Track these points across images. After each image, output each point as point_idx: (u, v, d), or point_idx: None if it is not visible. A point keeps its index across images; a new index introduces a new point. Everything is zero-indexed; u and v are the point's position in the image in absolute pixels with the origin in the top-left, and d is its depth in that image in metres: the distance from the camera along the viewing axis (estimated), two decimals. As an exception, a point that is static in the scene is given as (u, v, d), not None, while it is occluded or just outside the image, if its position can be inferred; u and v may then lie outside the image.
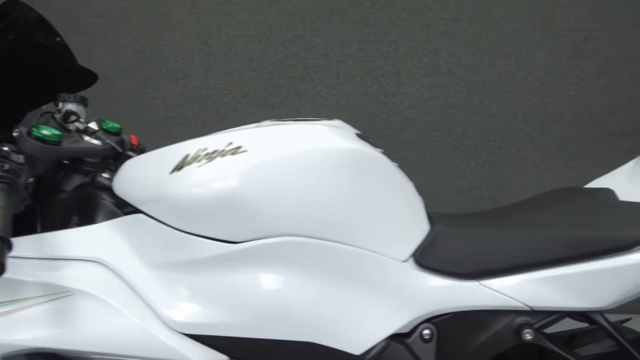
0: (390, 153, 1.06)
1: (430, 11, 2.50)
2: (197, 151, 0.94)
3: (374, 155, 0.99)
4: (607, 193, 1.11)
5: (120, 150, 1.15)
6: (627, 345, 0.96)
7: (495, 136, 2.60)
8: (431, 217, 1.06)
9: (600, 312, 0.96)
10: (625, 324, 1.08)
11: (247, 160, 0.92)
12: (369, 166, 0.97)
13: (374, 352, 0.94)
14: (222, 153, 0.93)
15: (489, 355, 0.97)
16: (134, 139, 1.23)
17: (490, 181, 2.61)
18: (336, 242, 0.94)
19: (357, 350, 0.94)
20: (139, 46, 2.56)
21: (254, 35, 2.53)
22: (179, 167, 0.93)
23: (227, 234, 0.92)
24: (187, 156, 0.94)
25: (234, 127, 2.63)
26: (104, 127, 1.14)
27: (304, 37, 2.53)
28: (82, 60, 1.20)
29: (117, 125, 1.17)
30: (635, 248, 0.94)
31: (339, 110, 2.57)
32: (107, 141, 1.11)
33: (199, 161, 0.93)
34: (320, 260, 0.94)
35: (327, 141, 0.96)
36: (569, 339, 1.10)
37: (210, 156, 0.93)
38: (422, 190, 1.06)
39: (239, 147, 0.93)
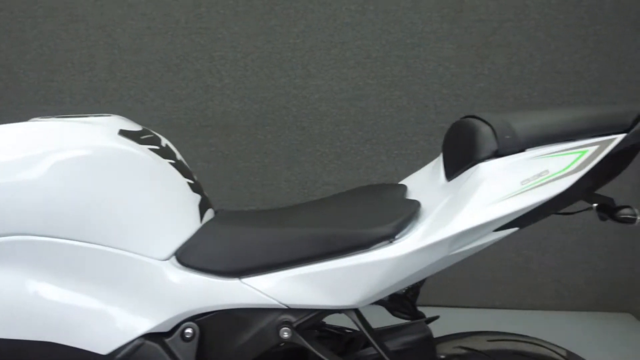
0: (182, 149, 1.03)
1: (336, 2, 2.46)
2: None
3: (130, 153, 0.96)
4: (398, 189, 1.09)
5: None
6: (377, 346, 0.95)
7: (406, 129, 2.56)
8: (218, 214, 1.04)
9: (355, 310, 0.95)
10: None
11: None
12: (122, 164, 0.95)
13: (124, 351, 0.93)
14: None
15: (253, 355, 0.96)
16: None
17: (402, 174, 2.57)
18: (81, 241, 0.92)
19: (104, 350, 0.92)
20: (43, 39, 2.53)
21: (159, 27, 2.50)
22: None
23: None
24: None
25: (142, 120, 2.60)
26: None
27: (209, 29, 2.50)
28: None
29: None
30: (375, 246, 0.92)
31: (247, 104, 2.54)
32: None
33: None
34: (63, 259, 0.91)
35: (74, 139, 0.94)
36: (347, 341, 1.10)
37: None
38: (333, 184, 1.04)
39: None
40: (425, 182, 1.08)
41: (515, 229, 0.94)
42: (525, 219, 0.93)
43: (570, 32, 2.48)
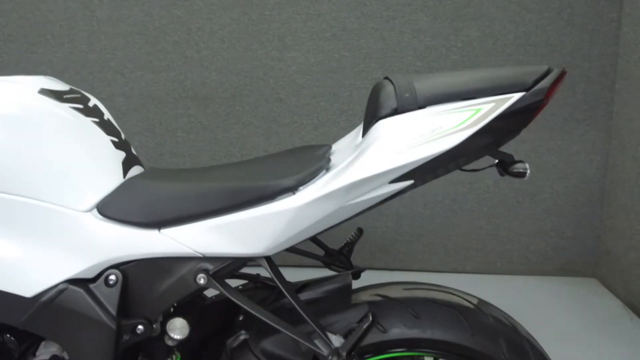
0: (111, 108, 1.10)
1: (312, -26, 2.48)
2: None
3: (47, 110, 1.03)
4: (321, 149, 1.15)
5: None
6: (286, 292, 1.04)
7: (381, 101, 2.61)
8: (144, 171, 1.14)
9: (266, 257, 1.03)
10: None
11: None
12: (39, 121, 1.01)
13: (49, 294, 1.00)
14: None
15: (173, 300, 1.04)
16: None
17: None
18: (5, 193, 0.99)
19: (29, 293, 1.00)
20: (22, 11, 2.55)
21: (137, -1, 2.52)
22: None
23: None
24: None
25: (123, 91, 2.64)
26: None
27: (186, 0, 2.52)
28: None
29: None
30: (279, 197, 0.99)
31: (225, 75, 2.59)
32: None
33: None
34: None
35: None
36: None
37: None
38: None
39: None
40: (347, 143, 1.14)
41: (410, 181, 0.97)
42: (421, 173, 0.96)
43: (544, 4, 2.50)
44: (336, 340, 1.04)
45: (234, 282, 1.09)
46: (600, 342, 2.19)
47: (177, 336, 1.08)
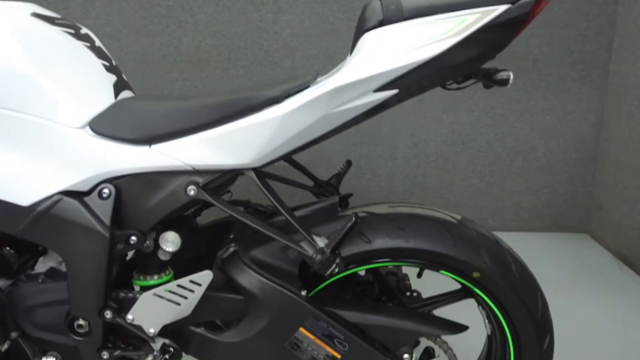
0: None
1: None
2: None
3: (41, 30, 1.07)
4: (315, 74, 1.17)
5: None
6: (274, 201, 1.08)
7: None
8: (139, 95, 1.18)
9: (253, 169, 1.07)
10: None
11: None
12: (34, 40, 1.06)
13: (44, 204, 1.06)
14: None
15: (165, 212, 1.09)
16: None
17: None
18: (3, 108, 1.04)
19: (25, 202, 1.06)
20: (15, -23, 2.54)
21: (128, -37, 2.50)
22: None
23: None
24: None
25: (118, 56, 2.65)
26: None
27: (177, -36, 2.50)
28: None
29: None
30: (266, 107, 1.02)
31: (220, 39, 2.59)
32: None
33: None
34: None
35: None
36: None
37: None
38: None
39: None
40: (336, 70, 1.16)
41: (394, 91, 0.98)
42: (406, 82, 0.97)
43: (542, -38, 2.43)
44: (321, 242, 1.09)
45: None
46: (589, 289, 2.28)
47: (169, 249, 1.11)
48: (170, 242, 1.11)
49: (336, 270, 1.07)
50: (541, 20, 2.52)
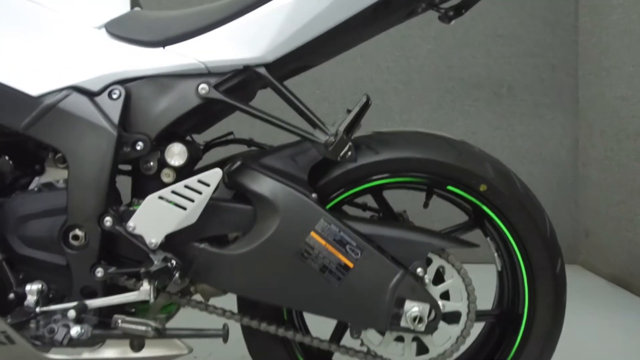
0: None
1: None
2: None
3: None
4: None
5: None
6: (282, 89, 1.06)
7: (361, 88, 2.72)
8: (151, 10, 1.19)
9: (265, 65, 1.04)
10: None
11: None
12: None
13: (54, 97, 1.02)
14: None
15: (174, 115, 1.05)
16: None
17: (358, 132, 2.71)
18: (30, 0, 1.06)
19: (34, 92, 1.02)
20: None
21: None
22: None
23: None
24: None
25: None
26: None
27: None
28: None
29: None
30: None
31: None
32: None
33: None
34: (11, 13, 1.05)
35: None
36: None
37: None
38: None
39: None
40: None
41: None
42: None
43: (508, -2, 2.72)
44: (332, 129, 1.06)
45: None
46: (590, 319, 2.16)
47: (176, 162, 1.06)
48: (177, 154, 1.07)
49: (348, 154, 1.05)
50: (512, 49, 2.74)
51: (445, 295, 1.10)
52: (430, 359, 1.09)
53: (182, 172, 1.08)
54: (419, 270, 1.06)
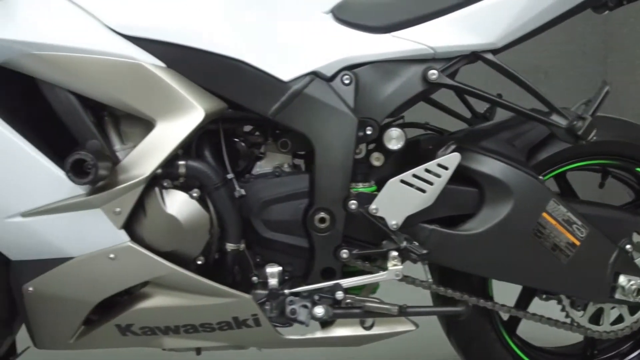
0: None
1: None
2: None
3: None
4: None
5: None
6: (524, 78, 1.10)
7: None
8: None
9: (492, 51, 1.07)
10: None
11: None
12: None
13: (300, 82, 1.04)
14: None
15: (401, 100, 1.08)
16: None
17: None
18: None
19: (286, 77, 1.03)
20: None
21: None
22: None
23: None
24: None
25: None
26: None
27: None
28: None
29: None
30: None
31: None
32: None
33: None
34: None
35: None
36: None
37: None
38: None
39: None
40: None
41: None
42: None
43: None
44: (569, 115, 1.08)
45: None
46: None
47: (394, 146, 1.08)
48: (394, 139, 1.09)
49: (594, 138, 1.07)
50: (547, 37, 2.84)
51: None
52: (625, 327, 1.17)
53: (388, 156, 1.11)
54: (628, 246, 1.14)
